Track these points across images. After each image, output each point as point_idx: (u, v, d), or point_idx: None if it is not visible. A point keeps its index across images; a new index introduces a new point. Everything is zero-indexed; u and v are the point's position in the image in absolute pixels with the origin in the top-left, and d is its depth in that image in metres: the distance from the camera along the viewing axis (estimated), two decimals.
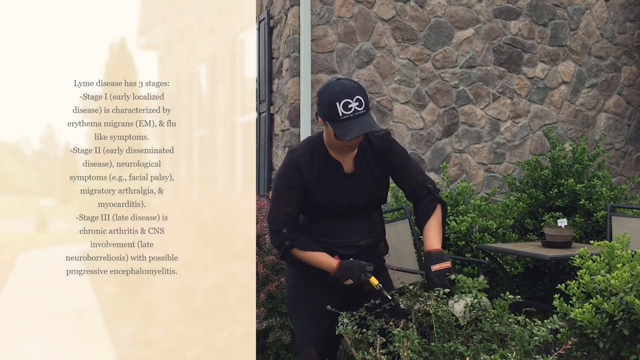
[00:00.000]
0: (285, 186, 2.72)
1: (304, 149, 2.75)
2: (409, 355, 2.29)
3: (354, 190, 2.75)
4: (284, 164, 2.76)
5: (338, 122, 2.54)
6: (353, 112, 2.52)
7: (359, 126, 2.52)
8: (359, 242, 2.80)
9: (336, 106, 2.52)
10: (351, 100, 2.52)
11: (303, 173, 2.70)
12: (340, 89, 2.54)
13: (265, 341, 3.59)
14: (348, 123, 2.53)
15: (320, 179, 2.72)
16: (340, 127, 2.53)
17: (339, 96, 2.53)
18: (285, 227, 2.71)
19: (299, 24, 5.58)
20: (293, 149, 2.78)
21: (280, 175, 2.75)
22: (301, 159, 2.71)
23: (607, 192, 5.27)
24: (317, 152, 2.74)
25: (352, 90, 2.54)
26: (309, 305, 2.78)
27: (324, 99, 2.57)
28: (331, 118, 2.55)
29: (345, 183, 2.74)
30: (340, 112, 2.52)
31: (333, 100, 2.53)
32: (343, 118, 2.53)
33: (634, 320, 2.45)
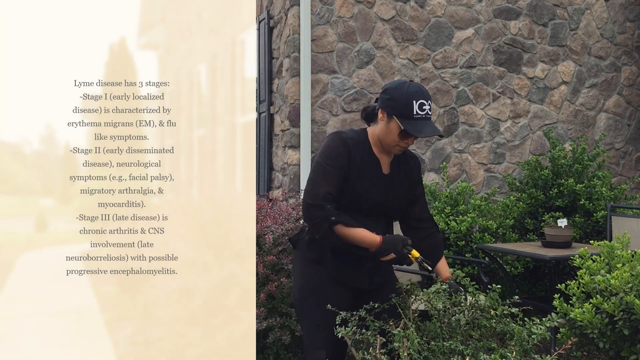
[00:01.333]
0: (332, 164, 2.70)
1: (352, 134, 2.78)
2: (409, 355, 2.29)
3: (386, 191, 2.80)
4: (332, 143, 2.74)
5: (410, 119, 2.61)
6: (425, 114, 2.62)
7: (430, 128, 2.61)
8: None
9: (412, 104, 2.60)
10: (426, 102, 2.62)
11: (351, 156, 2.72)
12: (417, 89, 2.63)
13: (265, 341, 3.59)
14: (421, 122, 2.61)
15: (359, 168, 2.75)
16: (412, 125, 2.60)
17: (416, 96, 2.61)
18: (328, 204, 2.67)
19: (299, 24, 5.58)
20: (340, 131, 2.80)
21: (327, 153, 2.72)
22: (350, 142, 2.73)
23: (607, 192, 5.27)
24: (362, 144, 2.77)
25: (426, 94, 2.65)
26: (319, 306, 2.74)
27: (400, 95, 2.62)
28: (404, 114, 2.61)
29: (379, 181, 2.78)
30: (415, 111, 2.60)
31: (410, 98, 2.60)
32: (416, 117, 2.61)
33: (634, 320, 2.45)
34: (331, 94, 5.70)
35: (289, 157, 5.62)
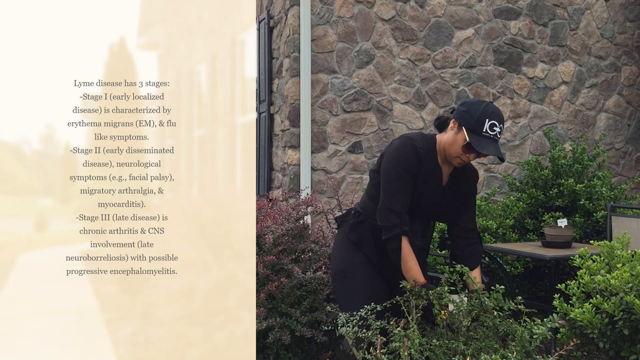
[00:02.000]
0: (407, 173, 2.78)
1: (423, 142, 2.84)
2: (410, 355, 2.29)
3: (440, 201, 2.89)
4: (402, 149, 2.80)
5: (478, 135, 2.70)
6: (494, 135, 2.72)
7: (494, 147, 2.70)
8: (416, 242, 2.89)
9: (485, 122, 2.70)
10: (497, 125, 2.71)
11: (421, 165, 2.81)
12: (494, 110, 2.73)
13: (265, 341, 3.59)
14: (486, 140, 2.70)
15: (424, 177, 2.83)
16: (477, 140, 2.70)
17: (491, 116, 2.71)
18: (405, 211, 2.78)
19: (299, 24, 5.58)
20: (413, 138, 2.84)
21: (401, 160, 2.79)
22: (422, 152, 2.81)
23: (607, 192, 5.27)
24: (430, 151, 2.85)
25: (501, 118, 2.74)
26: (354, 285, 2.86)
27: (476, 110, 2.72)
28: (473, 129, 2.71)
29: (438, 192, 2.88)
30: (485, 129, 2.70)
31: (485, 116, 2.71)
32: (484, 134, 2.70)
33: (634, 320, 2.45)
34: (331, 94, 5.70)
35: (289, 157, 5.62)
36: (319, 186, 5.64)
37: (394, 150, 2.82)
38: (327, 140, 5.68)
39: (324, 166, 5.67)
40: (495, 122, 2.70)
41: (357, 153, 5.76)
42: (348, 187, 5.73)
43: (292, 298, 3.63)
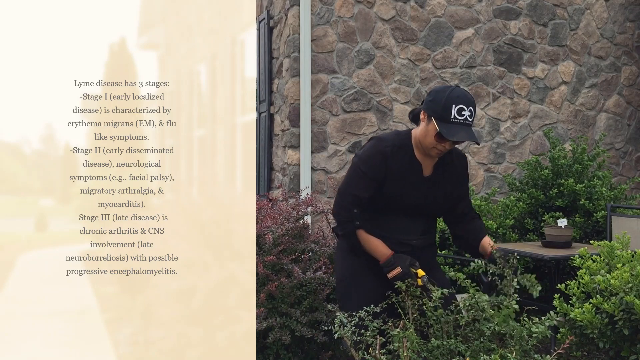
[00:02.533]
0: (366, 173, 2.80)
1: (393, 141, 2.83)
2: (409, 355, 2.29)
3: (427, 194, 2.85)
4: (369, 150, 2.82)
5: (447, 123, 2.63)
6: (464, 120, 2.64)
7: (465, 133, 2.63)
8: (411, 241, 2.89)
9: (451, 108, 2.62)
10: (466, 108, 2.64)
11: (387, 165, 2.78)
12: (460, 94, 2.65)
13: (265, 341, 3.59)
14: (456, 127, 2.63)
15: (399, 174, 2.80)
16: (447, 128, 2.63)
17: (457, 100, 2.63)
18: (355, 208, 2.81)
19: (299, 24, 5.58)
20: (381, 138, 2.85)
21: (364, 160, 2.82)
22: (389, 150, 2.79)
23: (607, 192, 5.27)
24: (403, 147, 2.82)
25: (470, 100, 2.66)
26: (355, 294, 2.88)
27: (441, 97, 2.66)
28: (441, 117, 2.64)
29: (421, 185, 2.84)
30: (453, 115, 2.63)
31: (450, 102, 2.63)
32: (453, 121, 2.63)
33: (634, 320, 2.45)
34: (331, 94, 5.70)
35: (289, 157, 5.63)
36: (319, 186, 5.64)
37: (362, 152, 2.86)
38: (327, 140, 5.68)
39: (324, 166, 5.67)
40: (462, 106, 2.63)
41: None
42: None
43: (292, 298, 3.63)
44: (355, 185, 2.82)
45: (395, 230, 2.86)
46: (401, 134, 2.87)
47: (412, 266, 2.74)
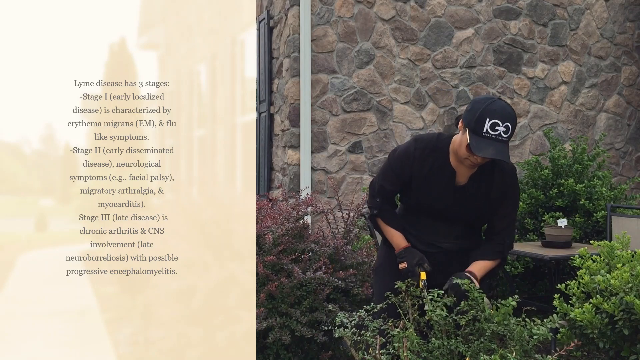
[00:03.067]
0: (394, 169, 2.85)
1: (427, 143, 2.81)
2: (409, 356, 2.29)
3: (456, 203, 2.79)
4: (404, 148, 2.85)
5: (478, 136, 2.54)
6: (497, 135, 2.53)
7: (494, 149, 2.52)
8: (442, 244, 2.86)
9: (485, 121, 2.53)
10: (501, 124, 2.53)
11: (412, 167, 2.79)
12: (498, 108, 2.55)
13: (265, 341, 3.59)
14: (487, 142, 2.53)
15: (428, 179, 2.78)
16: (477, 141, 2.54)
17: (493, 115, 2.53)
18: (379, 197, 2.90)
19: (299, 24, 5.58)
20: (417, 139, 2.84)
21: (397, 157, 2.86)
22: (418, 154, 2.78)
23: (607, 192, 5.27)
24: (438, 152, 2.78)
25: (507, 116, 2.55)
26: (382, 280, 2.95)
27: (477, 108, 2.57)
28: (474, 129, 2.56)
29: (450, 193, 2.78)
30: (485, 129, 2.53)
31: (485, 115, 2.54)
32: (485, 135, 2.54)
33: (634, 320, 2.44)
34: (331, 94, 5.70)
35: (289, 157, 5.62)
36: (319, 186, 5.64)
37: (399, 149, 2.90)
38: (327, 140, 5.68)
39: (324, 166, 5.67)
40: (497, 120, 2.51)
41: (357, 153, 5.76)
42: (348, 187, 5.73)
43: (292, 298, 3.63)
44: (382, 176, 2.90)
45: (425, 231, 2.86)
46: (441, 138, 2.82)
47: (419, 265, 2.73)
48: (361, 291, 3.77)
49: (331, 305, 3.58)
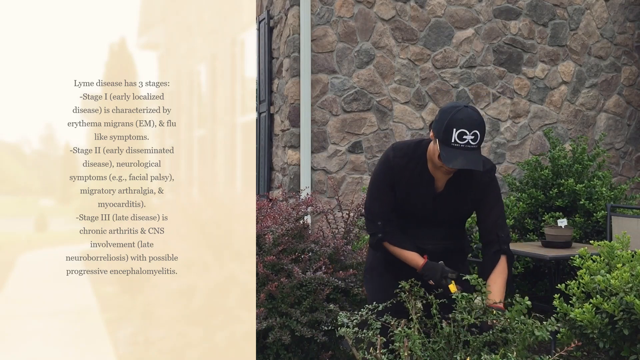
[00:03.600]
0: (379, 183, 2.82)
1: (406, 152, 2.78)
2: (410, 355, 2.29)
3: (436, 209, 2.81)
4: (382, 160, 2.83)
5: (447, 146, 2.53)
6: (465, 144, 2.51)
7: (465, 159, 2.51)
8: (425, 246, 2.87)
9: (452, 132, 2.51)
10: (468, 132, 2.51)
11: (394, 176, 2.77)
12: (464, 117, 2.52)
13: (265, 341, 3.59)
14: (456, 152, 2.52)
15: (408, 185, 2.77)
16: (446, 152, 2.53)
17: (459, 124, 2.51)
18: (379, 220, 2.82)
19: (299, 24, 5.58)
20: (397, 147, 2.82)
21: (377, 170, 2.84)
22: (397, 162, 2.77)
23: (607, 192, 5.27)
24: (417, 159, 2.77)
25: (474, 123, 2.52)
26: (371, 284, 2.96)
27: (444, 119, 2.55)
28: (442, 140, 2.54)
29: (430, 200, 2.79)
30: (453, 139, 2.51)
31: (451, 125, 2.52)
32: (453, 145, 2.52)
33: (634, 320, 2.44)
34: (331, 94, 5.70)
35: (289, 157, 5.62)
36: (319, 186, 5.64)
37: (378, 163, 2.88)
38: (327, 140, 5.68)
39: (324, 166, 5.67)
40: (464, 130, 2.49)
41: (357, 153, 5.76)
42: (348, 187, 5.73)
43: (292, 298, 3.63)
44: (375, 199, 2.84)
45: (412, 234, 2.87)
46: (420, 145, 2.79)
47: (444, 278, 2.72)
48: (361, 291, 3.77)
49: (331, 305, 3.58)
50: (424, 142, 2.80)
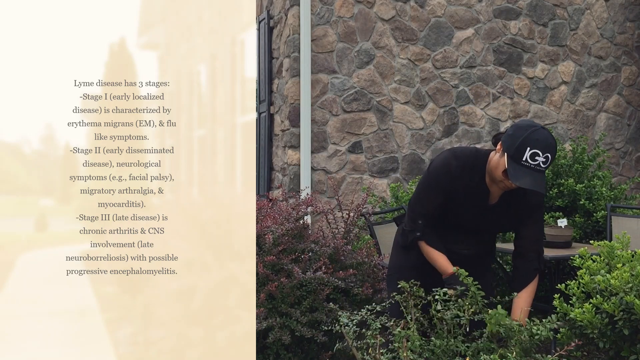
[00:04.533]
0: (433, 185, 2.79)
1: (465, 161, 2.75)
2: (409, 356, 2.29)
3: (486, 220, 2.82)
4: (443, 162, 2.79)
5: (517, 164, 2.53)
6: (535, 165, 2.52)
7: (532, 179, 2.51)
8: (460, 250, 2.88)
9: (525, 150, 2.51)
10: (541, 154, 2.51)
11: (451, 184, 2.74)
12: (540, 138, 2.52)
13: (265, 341, 3.59)
14: (525, 171, 2.52)
15: (462, 195, 2.76)
16: (515, 169, 2.52)
17: (534, 144, 2.51)
18: (421, 219, 2.81)
19: (299, 24, 5.58)
20: (456, 155, 2.78)
21: (433, 173, 2.80)
22: (458, 171, 2.73)
23: (607, 192, 5.27)
24: (474, 170, 2.74)
25: (549, 146, 2.53)
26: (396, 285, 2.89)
27: (519, 136, 2.54)
28: (512, 156, 2.54)
29: (482, 212, 2.80)
30: (525, 158, 2.51)
31: (526, 143, 2.52)
32: (523, 164, 2.52)
33: (634, 320, 2.44)
34: (331, 94, 5.70)
35: (289, 157, 5.62)
36: (319, 186, 5.64)
37: (435, 163, 2.83)
38: (327, 140, 5.68)
39: (324, 166, 5.67)
40: (537, 150, 2.49)
41: (357, 153, 5.76)
42: (348, 187, 5.73)
43: (292, 298, 3.63)
44: (423, 198, 2.82)
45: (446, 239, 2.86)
46: (479, 155, 2.77)
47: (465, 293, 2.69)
48: (361, 291, 3.77)
49: (331, 304, 3.59)
50: (482, 153, 2.78)
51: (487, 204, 2.79)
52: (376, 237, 4.39)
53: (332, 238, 4.02)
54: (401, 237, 2.93)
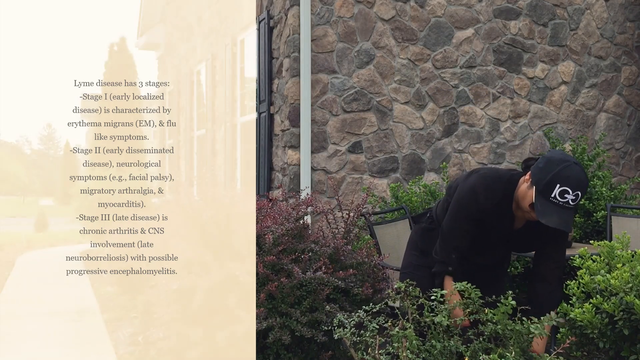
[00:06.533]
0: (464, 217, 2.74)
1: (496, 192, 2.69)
2: (408, 356, 2.29)
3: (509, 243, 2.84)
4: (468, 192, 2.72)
5: (545, 199, 2.47)
6: (564, 203, 2.45)
7: (559, 218, 2.45)
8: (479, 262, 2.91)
9: (555, 187, 2.45)
10: (571, 192, 2.44)
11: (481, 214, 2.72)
12: (572, 175, 2.46)
13: (265, 341, 3.59)
14: (552, 207, 2.46)
15: (490, 222, 2.75)
16: (542, 205, 2.47)
17: (565, 182, 2.45)
18: (454, 253, 2.77)
19: (299, 24, 5.58)
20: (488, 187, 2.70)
21: (463, 204, 2.75)
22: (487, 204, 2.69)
23: (607, 192, 5.27)
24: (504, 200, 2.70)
25: (580, 185, 2.46)
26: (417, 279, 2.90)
27: (550, 171, 2.49)
28: (541, 192, 2.48)
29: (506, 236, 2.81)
30: (554, 194, 2.45)
31: (556, 180, 2.46)
32: (552, 200, 2.46)
33: (634, 320, 2.44)
34: (331, 94, 5.70)
35: (289, 157, 5.62)
36: (319, 186, 5.64)
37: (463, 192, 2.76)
38: (327, 140, 5.68)
39: (324, 166, 5.67)
40: (567, 188, 2.42)
41: (357, 153, 5.76)
42: (348, 187, 5.73)
43: (292, 298, 3.62)
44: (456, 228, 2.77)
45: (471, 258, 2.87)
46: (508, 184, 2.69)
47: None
48: (361, 291, 3.77)
49: (331, 304, 3.58)
50: (511, 180, 2.71)
51: (512, 229, 2.80)
52: (376, 237, 4.39)
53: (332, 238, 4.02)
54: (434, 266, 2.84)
